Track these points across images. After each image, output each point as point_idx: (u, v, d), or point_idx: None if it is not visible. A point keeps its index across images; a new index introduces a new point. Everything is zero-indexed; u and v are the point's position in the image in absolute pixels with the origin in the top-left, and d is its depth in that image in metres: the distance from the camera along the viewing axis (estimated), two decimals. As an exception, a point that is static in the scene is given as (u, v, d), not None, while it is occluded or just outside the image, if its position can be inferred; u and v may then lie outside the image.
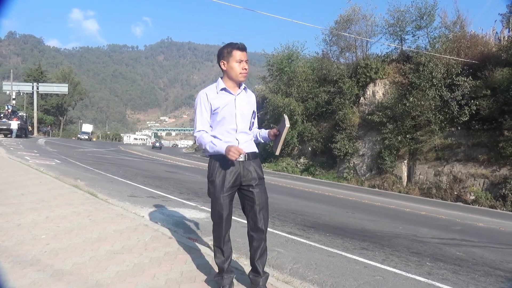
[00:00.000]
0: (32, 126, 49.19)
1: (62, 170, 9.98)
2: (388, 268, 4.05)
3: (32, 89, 48.93)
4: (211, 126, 2.65)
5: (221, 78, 2.67)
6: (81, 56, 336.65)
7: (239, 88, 2.67)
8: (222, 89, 2.63)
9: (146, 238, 3.96)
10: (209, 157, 2.67)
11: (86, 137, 58.72)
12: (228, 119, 2.58)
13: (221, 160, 2.57)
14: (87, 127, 67.96)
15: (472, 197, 15.72)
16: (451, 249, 5.39)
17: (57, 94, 60.06)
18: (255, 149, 2.68)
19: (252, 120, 2.72)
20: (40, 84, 51.06)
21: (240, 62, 2.55)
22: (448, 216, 9.55)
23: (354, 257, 4.35)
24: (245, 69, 2.57)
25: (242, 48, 2.56)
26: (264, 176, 2.72)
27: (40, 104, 57.85)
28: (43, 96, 61.07)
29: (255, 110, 2.77)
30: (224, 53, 2.60)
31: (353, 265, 4.06)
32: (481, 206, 14.96)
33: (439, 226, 7.69)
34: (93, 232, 4.05)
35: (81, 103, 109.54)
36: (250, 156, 2.61)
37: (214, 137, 2.60)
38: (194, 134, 2.69)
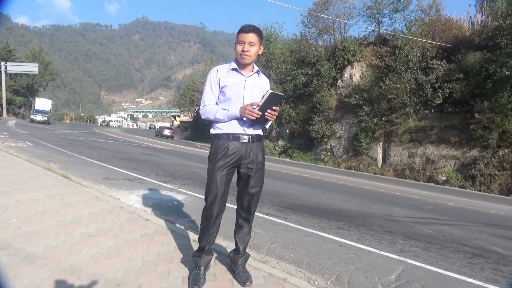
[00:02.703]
0: (1, 107, 47.31)
1: (33, 153, 9.67)
2: (363, 246, 4.16)
3: (0, 68, 46.82)
4: (218, 104, 2.63)
5: (234, 59, 2.65)
6: (52, 35, 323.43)
7: (252, 71, 2.64)
8: (233, 69, 2.61)
9: (121, 221, 3.91)
10: (212, 137, 2.64)
11: (44, 118, 38.25)
12: (235, 98, 2.54)
13: (223, 139, 2.56)
14: (44, 103, 45.57)
15: (443, 178, 16.29)
16: (423, 227, 5.58)
17: (27, 74, 57.64)
18: (260, 132, 2.66)
19: None
20: (8, 63, 48.86)
21: (241, 43, 2.50)
22: (420, 196, 9.86)
23: (330, 236, 4.44)
24: (244, 51, 2.50)
25: (247, 30, 2.51)
26: None
27: (9, 85, 55.39)
28: (11, 76, 58.46)
29: None
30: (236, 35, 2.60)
31: (329, 244, 4.14)
32: (452, 186, 15.54)
33: (411, 205, 7.94)
34: (66, 215, 3.96)
35: (53, 83, 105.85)
36: (254, 138, 2.59)
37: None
38: (201, 109, 2.65)
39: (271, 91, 2.42)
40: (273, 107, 2.45)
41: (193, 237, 3.52)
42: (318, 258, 3.64)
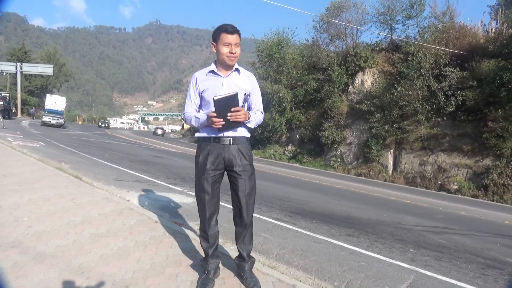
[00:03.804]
0: (16, 107, 48.11)
1: (46, 153, 9.79)
2: (373, 254, 4.10)
3: (16, 69, 47.61)
4: (202, 109, 2.64)
5: (214, 61, 2.63)
6: (66, 37, 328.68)
7: (231, 70, 2.60)
8: (210, 72, 2.60)
9: (131, 222, 3.92)
10: (197, 140, 2.65)
11: (59, 120, 30.61)
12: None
13: (205, 142, 2.58)
14: (57, 101, 39.86)
15: (455, 187, 16.03)
16: (434, 236, 5.48)
17: (41, 75, 58.51)
18: (244, 134, 2.60)
19: (243, 103, 2.61)
20: (24, 64, 49.65)
21: (227, 45, 2.47)
22: (431, 205, 9.71)
23: (340, 243, 4.39)
24: (232, 53, 2.48)
25: (231, 31, 2.48)
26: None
27: (24, 85, 56.33)
28: (27, 77, 59.46)
29: (252, 93, 2.67)
30: (215, 35, 2.54)
31: (338, 251, 4.10)
32: (464, 195, 15.28)
33: (422, 214, 7.82)
34: (77, 215, 3.99)
35: (67, 85, 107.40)
36: (237, 140, 2.55)
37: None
38: (183, 116, 2.72)
39: (214, 98, 2.35)
40: (232, 109, 2.37)
41: (202, 240, 3.51)
42: (327, 265, 3.59)
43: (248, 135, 2.65)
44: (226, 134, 2.51)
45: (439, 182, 16.80)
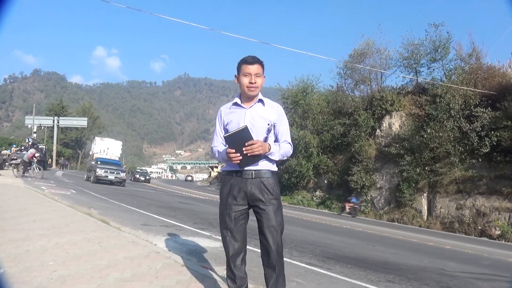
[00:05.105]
0: (52, 159, 50.11)
1: (76, 199, 9.92)
2: (418, 301, 3.73)
3: (53, 122, 50.25)
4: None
5: (238, 94, 2.61)
6: (101, 92, 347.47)
7: (254, 101, 2.55)
8: (234, 104, 2.57)
9: (157, 266, 3.77)
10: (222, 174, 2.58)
11: (120, 174, 21.19)
12: None
13: (228, 175, 2.51)
14: (111, 146, 32.16)
15: (498, 232, 15.00)
16: (484, 284, 5.01)
17: (76, 128, 61.50)
18: (268, 167, 2.47)
19: (267, 134, 2.51)
20: (60, 118, 52.48)
21: (247, 75, 2.45)
22: (474, 251, 9.04)
23: (380, 289, 4.05)
24: (252, 82, 2.44)
25: (251, 61, 2.46)
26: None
27: (59, 138, 59.12)
28: (63, 130, 62.58)
29: (277, 123, 2.57)
30: (237, 67, 2.54)
31: (379, 298, 3.76)
32: (508, 241, 14.24)
33: (466, 260, 7.25)
34: (102, 258, 3.88)
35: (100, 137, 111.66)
36: (260, 173, 2.43)
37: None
38: (211, 151, 2.70)
39: (224, 136, 2.38)
40: (246, 143, 2.30)
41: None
42: (368, 313, 3.27)
43: (274, 168, 2.52)
44: (248, 168, 2.40)
45: (479, 227, 15.80)
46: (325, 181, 25.23)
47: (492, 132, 16.48)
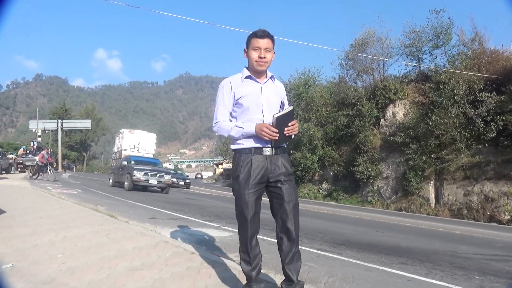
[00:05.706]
0: (57, 162, 50.32)
1: (83, 198, 9.92)
2: (434, 281, 3.66)
3: (57, 125, 50.39)
4: (235, 118, 2.46)
5: (246, 67, 2.50)
6: (103, 94, 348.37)
7: (266, 77, 2.48)
8: (247, 77, 2.45)
9: (166, 254, 3.72)
10: (233, 153, 2.46)
11: (165, 177, 15.21)
12: (253, 108, 2.38)
13: (245, 154, 2.37)
14: (142, 140, 26.79)
15: (507, 217, 14.88)
16: (498, 264, 4.93)
17: (80, 130, 61.72)
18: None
19: (279, 111, 2.47)
20: (64, 120, 52.64)
21: (257, 49, 2.36)
22: (485, 235, 8.95)
23: (394, 271, 3.97)
24: (261, 57, 2.35)
25: (261, 35, 2.36)
26: None
27: (64, 141, 59.31)
28: (67, 133, 62.79)
29: (284, 101, 2.58)
30: (247, 41, 2.44)
31: (394, 278, 3.69)
32: (518, 225, 14.11)
33: (478, 243, 7.17)
34: (111, 250, 3.84)
35: (104, 138, 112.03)
36: (278, 150, 2.39)
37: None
38: (213, 126, 2.52)
39: (275, 116, 2.23)
40: (289, 124, 2.27)
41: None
42: (384, 293, 3.21)
43: (285, 144, 2.49)
44: (269, 143, 2.34)
45: (488, 213, 15.66)
46: (331, 173, 25.12)
47: (498, 116, 16.29)
